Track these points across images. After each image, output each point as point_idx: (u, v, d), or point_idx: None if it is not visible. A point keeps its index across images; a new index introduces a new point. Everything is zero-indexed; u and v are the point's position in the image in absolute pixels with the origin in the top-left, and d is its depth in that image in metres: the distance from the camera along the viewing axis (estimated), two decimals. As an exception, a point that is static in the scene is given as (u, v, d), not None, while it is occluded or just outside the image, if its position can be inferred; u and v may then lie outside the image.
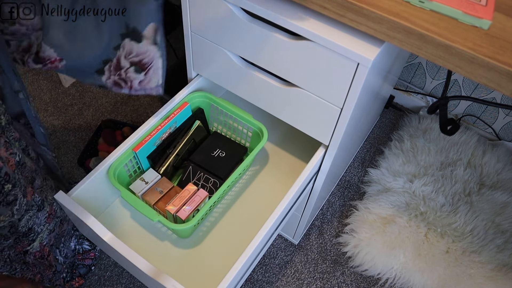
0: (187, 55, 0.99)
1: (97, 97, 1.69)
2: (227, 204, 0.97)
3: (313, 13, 0.73)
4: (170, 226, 0.81)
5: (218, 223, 0.94)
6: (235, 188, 1.00)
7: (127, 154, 0.90)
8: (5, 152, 0.78)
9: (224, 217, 0.95)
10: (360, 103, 0.83)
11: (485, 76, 0.59)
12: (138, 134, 0.92)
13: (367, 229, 1.31)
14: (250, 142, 1.03)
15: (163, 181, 0.93)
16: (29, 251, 0.96)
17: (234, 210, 0.97)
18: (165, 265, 0.87)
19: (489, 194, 1.39)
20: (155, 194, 0.90)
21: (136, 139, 0.91)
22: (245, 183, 1.01)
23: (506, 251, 1.28)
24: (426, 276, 1.24)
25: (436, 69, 1.56)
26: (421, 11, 0.63)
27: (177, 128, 0.97)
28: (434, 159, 1.48)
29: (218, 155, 0.99)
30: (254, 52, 0.84)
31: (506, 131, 1.55)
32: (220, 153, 1.00)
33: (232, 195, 0.99)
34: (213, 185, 0.95)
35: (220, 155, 0.99)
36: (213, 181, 0.95)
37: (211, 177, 0.95)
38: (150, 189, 0.91)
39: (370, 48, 0.69)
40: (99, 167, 0.86)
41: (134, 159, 0.92)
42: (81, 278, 1.19)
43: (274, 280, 1.27)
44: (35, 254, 0.98)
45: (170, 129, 0.95)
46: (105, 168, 0.87)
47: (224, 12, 0.81)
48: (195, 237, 0.92)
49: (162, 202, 0.89)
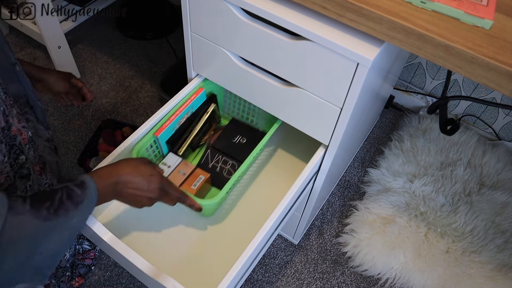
0: (187, 55, 0.99)
1: (97, 97, 1.69)
2: (227, 204, 0.97)
3: (313, 13, 0.73)
4: (200, 202, 0.84)
5: (219, 222, 0.94)
6: (236, 188, 1.00)
7: (148, 138, 0.91)
8: (18, 124, 0.76)
9: (225, 217, 0.95)
10: (360, 103, 0.83)
11: (485, 76, 0.59)
12: (146, 126, 0.94)
13: (367, 229, 1.31)
14: (265, 126, 1.07)
15: (184, 163, 0.96)
16: None
17: (234, 210, 0.97)
18: (165, 265, 0.87)
19: (489, 194, 1.39)
20: (178, 176, 0.93)
21: (153, 125, 0.94)
22: (245, 183, 1.02)
23: (506, 251, 1.28)
24: (426, 276, 1.24)
25: (436, 69, 1.56)
26: (422, 12, 0.63)
27: (193, 113, 1.01)
28: (434, 159, 1.48)
29: (239, 141, 1.03)
30: (254, 52, 0.85)
31: (506, 131, 1.55)
32: (241, 139, 1.03)
33: (232, 194, 0.99)
34: (231, 167, 0.99)
35: (241, 141, 1.03)
36: (231, 163, 0.99)
37: (229, 160, 0.99)
38: (173, 172, 0.94)
39: (370, 48, 0.69)
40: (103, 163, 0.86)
41: (154, 144, 0.95)
42: (81, 278, 1.19)
43: (274, 280, 1.27)
44: None
45: (187, 114, 0.99)
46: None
47: (224, 12, 0.81)
48: (195, 237, 0.92)
49: (186, 184, 0.93)
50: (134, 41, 1.91)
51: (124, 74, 1.78)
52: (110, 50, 1.87)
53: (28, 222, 0.58)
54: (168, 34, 1.94)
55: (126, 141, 0.90)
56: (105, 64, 1.81)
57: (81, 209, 0.65)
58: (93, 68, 1.79)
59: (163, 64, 1.83)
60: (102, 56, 1.84)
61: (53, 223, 0.61)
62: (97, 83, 1.74)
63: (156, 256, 0.88)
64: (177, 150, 0.99)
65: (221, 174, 0.98)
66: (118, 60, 1.83)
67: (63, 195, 0.63)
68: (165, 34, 1.93)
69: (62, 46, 1.60)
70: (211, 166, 0.99)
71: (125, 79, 1.76)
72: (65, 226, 0.64)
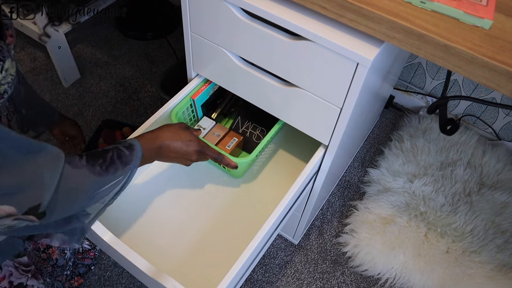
0: (187, 55, 0.99)
1: (97, 97, 1.69)
2: (227, 204, 0.98)
3: (313, 13, 0.73)
4: (234, 160, 0.91)
5: (219, 222, 0.94)
6: (236, 188, 1.00)
7: (185, 101, 1.00)
8: (17, 130, 0.78)
9: (225, 217, 0.95)
10: (360, 103, 0.83)
11: (484, 76, 0.59)
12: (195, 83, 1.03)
13: (367, 229, 1.31)
14: None
15: (218, 126, 1.04)
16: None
17: (234, 210, 0.97)
18: (165, 265, 0.87)
19: (489, 194, 1.39)
20: (213, 138, 1.02)
21: (192, 89, 1.02)
22: (245, 183, 1.02)
23: (506, 251, 1.28)
24: (426, 276, 1.24)
25: (436, 69, 1.56)
26: (422, 12, 0.63)
27: None
28: (434, 159, 1.48)
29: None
30: (254, 52, 0.85)
31: (506, 131, 1.55)
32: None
33: (233, 195, 0.99)
34: (261, 132, 1.06)
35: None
36: (260, 129, 1.06)
37: (258, 126, 1.07)
38: (208, 134, 1.03)
39: (370, 48, 0.69)
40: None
41: (190, 107, 1.03)
42: (81, 278, 1.19)
43: (274, 280, 1.27)
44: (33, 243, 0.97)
45: None
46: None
47: (224, 12, 0.81)
48: (196, 237, 0.92)
49: (221, 144, 1.01)
50: (134, 41, 1.91)
51: (124, 74, 1.78)
52: (110, 50, 1.87)
53: (84, 175, 0.66)
54: (168, 34, 1.94)
55: (165, 106, 0.97)
56: (105, 64, 1.81)
57: (128, 169, 0.73)
58: (93, 68, 1.79)
59: (163, 64, 1.83)
60: (102, 56, 1.84)
61: (103, 178, 0.69)
62: (97, 83, 1.74)
63: (156, 256, 0.88)
64: (211, 114, 1.08)
65: (251, 139, 1.05)
66: (118, 60, 1.83)
67: (114, 155, 0.71)
68: (165, 34, 1.93)
69: (62, 46, 1.60)
70: (241, 131, 1.06)
71: (125, 79, 1.76)
72: (112, 181, 0.71)
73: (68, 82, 1.71)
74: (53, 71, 1.75)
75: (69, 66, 1.68)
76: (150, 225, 0.93)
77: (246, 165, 1.00)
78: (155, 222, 0.93)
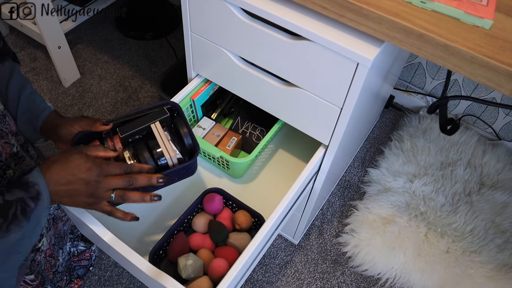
0: (187, 55, 0.99)
1: (97, 97, 1.69)
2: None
3: (313, 13, 0.73)
4: (231, 160, 0.93)
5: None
6: (235, 188, 1.00)
7: (185, 101, 1.00)
8: (1, 139, 0.78)
9: (224, 217, 0.95)
10: (360, 103, 0.83)
11: (484, 76, 0.59)
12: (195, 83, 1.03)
13: (367, 229, 1.31)
14: None
15: (218, 126, 1.04)
16: (41, 248, 0.95)
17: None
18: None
19: (489, 194, 1.39)
20: (213, 138, 1.02)
21: (192, 89, 1.02)
22: (245, 183, 1.02)
23: (506, 251, 1.28)
24: (426, 276, 1.24)
25: (436, 69, 1.56)
26: (422, 11, 0.63)
27: None
28: (434, 159, 1.48)
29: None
30: (254, 52, 0.85)
31: (506, 131, 1.55)
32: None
33: (232, 195, 0.99)
34: (260, 132, 1.07)
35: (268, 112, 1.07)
36: (260, 129, 1.07)
37: (258, 126, 1.07)
38: (208, 134, 1.03)
39: (370, 48, 0.69)
40: None
41: (190, 107, 1.03)
42: (80, 280, 1.19)
43: (274, 280, 1.27)
44: (45, 252, 0.97)
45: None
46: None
47: (224, 12, 0.81)
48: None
49: (221, 144, 1.02)
50: (134, 41, 1.91)
51: (124, 74, 1.78)
52: (110, 50, 1.87)
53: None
54: (168, 34, 1.94)
55: None
56: (105, 64, 1.81)
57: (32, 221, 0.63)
58: (93, 68, 1.79)
59: (163, 64, 1.83)
60: (102, 56, 1.84)
61: (4, 241, 0.59)
62: (97, 83, 1.74)
63: (156, 256, 0.88)
64: (211, 114, 1.09)
65: (251, 139, 1.05)
66: (118, 60, 1.83)
67: (17, 210, 0.60)
68: (165, 34, 1.93)
69: (62, 46, 1.60)
70: (241, 132, 1.06)
71: (125, 79, 1.76)
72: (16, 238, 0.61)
73: (68, 82, 1.71)
74: (53, 71, 1.75)
75: (69, 66, 1.68)
76: (150, 225, 0.93)
77: (246, 165, 0.99)
78: (155, 222, 0.93)
